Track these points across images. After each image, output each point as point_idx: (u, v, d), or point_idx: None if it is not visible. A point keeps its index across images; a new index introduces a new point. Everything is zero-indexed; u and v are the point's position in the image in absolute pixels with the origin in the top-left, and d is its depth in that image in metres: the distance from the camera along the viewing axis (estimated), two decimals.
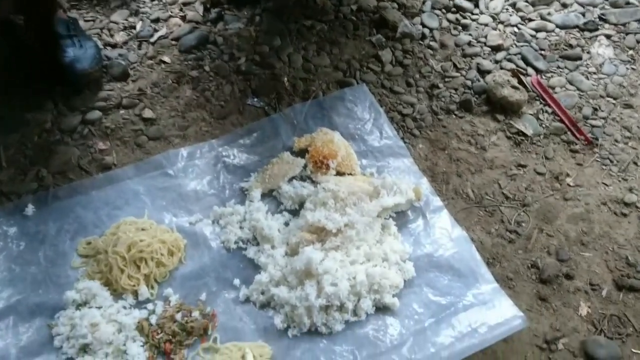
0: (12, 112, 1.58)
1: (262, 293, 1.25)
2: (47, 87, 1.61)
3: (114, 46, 1.76)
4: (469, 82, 1.64)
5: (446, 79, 1.65)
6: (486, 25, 1.79)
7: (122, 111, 1.60)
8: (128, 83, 1.67)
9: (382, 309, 1.22)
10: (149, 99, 1.63)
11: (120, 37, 1.79)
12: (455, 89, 1.63)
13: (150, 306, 1.24)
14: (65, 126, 1.57)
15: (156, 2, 1.91)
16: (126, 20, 1.85)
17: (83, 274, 1.30)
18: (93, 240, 1.35)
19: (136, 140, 1.54)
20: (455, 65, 1.69)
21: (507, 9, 1.84)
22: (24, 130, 1.56)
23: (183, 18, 1.84)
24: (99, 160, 1.50)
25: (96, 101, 1.61)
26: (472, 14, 1.83)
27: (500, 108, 1.57)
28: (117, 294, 1.26)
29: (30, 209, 1.39)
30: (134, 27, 1.82)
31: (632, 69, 1.68)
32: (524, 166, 1.47)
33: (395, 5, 1.83)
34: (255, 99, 1.62)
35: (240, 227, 1.35)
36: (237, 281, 1.28)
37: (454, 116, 1.58)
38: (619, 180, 1.44)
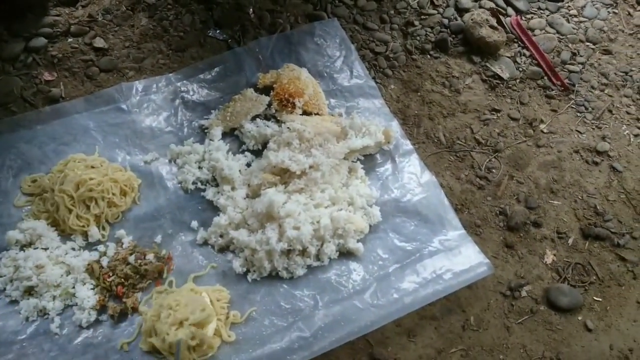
0: None
1: (221, 236, 1.18)
2: None
3: None
4: (445, 21, 1.55)
5: (422, 17, 1.56)
6: None
7: (70, 39, 1.47)
8: (77, 8, 1.53)
9: (345, 254, 1.18)
10: (100, 27, 1.49)
11: None
12: (432, 28, 1.54)
13: (101, 248, 1.17)
14: (6, 54, 1.42)
15: None
16: None
17: (27, 213, 1.21)
18: (39, 177, 1.25)
19: (86, 72, 1.42)
20: (432, 2, 1.59)
21: None
22: None
23: None
24: (45, 92, 1.38)
25: (41, 27, 1.47)
26: None
27: (477, 49, 1.49)
28: (65, 235, 1.19)
29: None
30: None
31: (614, 12, 1.62)
32: (497, 111, 1.42)
33: None
34: (218, 31, 1.50)
35: (199, 167, 1.27)
36: (194, 223, 1.21)
37: (428, 56, 1.49)
38: (593, 128, 1.41)
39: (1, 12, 1.44)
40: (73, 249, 1.17)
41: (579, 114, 1.43)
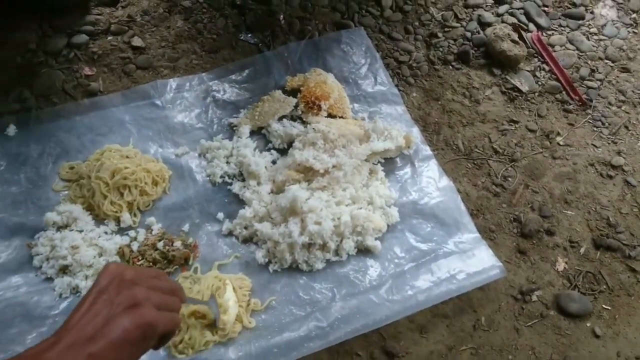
0: None
1: (245, 228, 1.24)
2: (32, 6, 1.54)
3: None
4: (468, 34, 1.60)
5: (446, 29, 1.62)
6: None
7: (110, 37, 1.55)
8: (117, 9, 1.61)
9: (363, 251, 1.23)
10: (138, 27, 1.58)
11: None
12: (454, 40, 1.59)
13: (132, 233, 1.24)
14: (50, 48, 1.51)
15: None
16: None
17: (64, 197, 1.29)
18: (76, 165, 1.32)
19: (124, 68, 1.50)
20: (456, 15, 1.65)
21: None
22: (7, 49, 1.50)
23: None
24: (85, 85, 1.46)
25: (83, 25, 1.55)
26: None
27: (497, 62, 1.54)
28: (99, 219, 1.25)
29: (12, 130, 1.35)
30: None
31: (634, 32, 1.66)
32: (515, 122, 1.46)
33: None
34: (249, 35, 1.57)
35: (227, 162, 1.34)
36: (220, 215, 1.27)
37: (450, 67, 1.55)
38: (609, 143, 1.45)
39: (47, 11, 1.52)
40: (106, 232, 1.24)
41: (595, 129, 1.47)
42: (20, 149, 1.34)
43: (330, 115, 1.39)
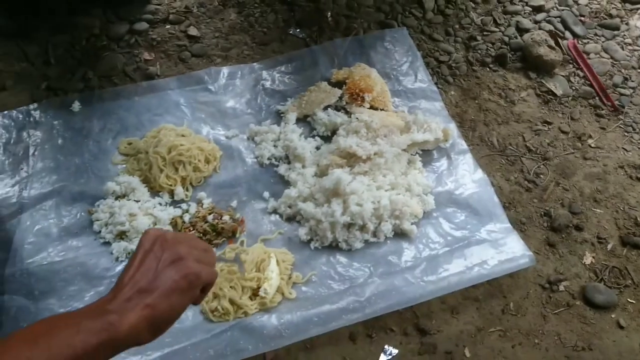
0: (61, 14, 1.63)
1: (290, 207, 1.33)
2: None
3: None
4: (506, 38, 1.67)
5: (484, 33, 1.69)
6: None
7: (168, 26, 1.66)
8: (175, 0, 1.72)
9: (400, 234, 1.30)
10: (194, 18, 1.68)
11: None
12: (493, 43, 1.67)
13: (184, 206, 1.33)
14: (113, 33, 1.62)
15: None
16: None
17: (123, 170, 1.38)
18: (134, 140, 1.42)
19: (180, 55, 1.60)
20: (495, 21, 1.72)
21: None
22: (73, 32, 1.62)
23: None
24: (144, 69, 1.57)
25: (144, 13, 1.66)
26: None
27: (533, 66, 1.61)
28: (154, 192, 1.35)
29: (76, 106, 1.46)
30: None
31: None
32: (549, 123, 1.52)
33: None
34: (298, 30, 1.67)
35: (274, 146, 1.42)
36: (266, 194, 1.36)
37: (487, 69, 1.62)
38: (639, 148, 1.50)
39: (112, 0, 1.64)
40: (160, 204, 1.33)
41: (626, 134, 1.52)
42: (84, 124, 1.45)
43: (372, 107, 1.47)
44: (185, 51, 1.61)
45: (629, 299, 1.26)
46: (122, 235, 1.28)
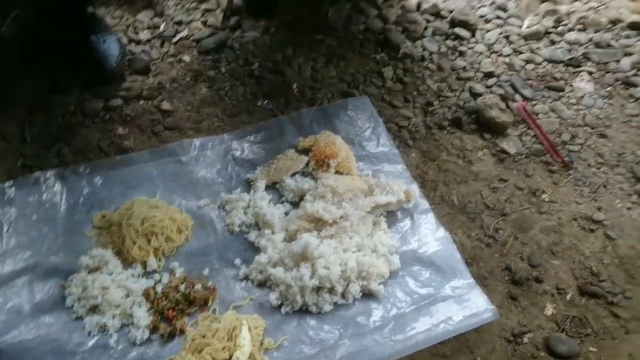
0: (39, 93, 1.70)
1: (260, 272, 1.36)
2: (73, 74, 1.74)
3: (138, 42, 1.91)
4: (461, 102, 1.79)
5: (441, 98, 1.81)
6: (481, 53, 1.96)
7: (142, 102, 1.74)
8: (149, 77, 1.81)
9: (368, 295, 1.34)
10: (167, 93, 1.77)
11: (144, 35, 1.93)
12: (449, 108, 1.78)
13: (157, 276, 1.36)
14: (89, 110, 1.70)
15: (180, 6, 2.06)
16: (151, 20, 2.00)
17: (96, 243, 1.42)
18: (108, 214, 1.46)
19: (153, 129, 1.67)
20: (450, 87, 1.84)
21: (500, 41, 2.01)
22: (49, 111, 1.69)
23: (204, 23, 1.99)
24: (118, 144, 1.63)
25: (119, 90, 1.75)
26: (469, 42, 2.00)
27: (487, 127, 1.72)
28: (127, 263, 1.38)
29: (51, 181, 1.51)
30: (158, 27, 1.97)
31: (609, 103, 1.85)
32: (505, 180, 1.62)
33: (400, 28, 1.99)
34: (266, 101, 1.76)
35: (244, 213, 1.48)
36: (237, 261, 1.40)
37: (445, 131, 1.72)
38: (590, 200, 1.59)
39: (90, 80, 1.73)
40: (133, 275, 1.36)
41: (577, 187, 1.62)
42: (58, 198, 1.49)
43: (338, 172, 1.55)
44: (158, 125, 1.68)
45: (590, 348, 1.31)
46: (94, 309, 1.29)
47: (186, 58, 1.86)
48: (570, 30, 2.07)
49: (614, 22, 2.10)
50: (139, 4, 2.05)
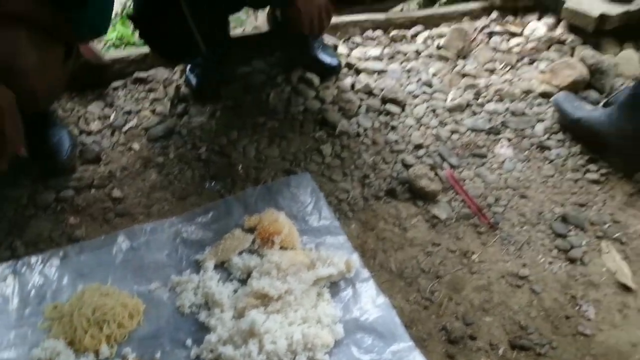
0: None
1: (211, 351, 1.42)
2: (25, 167, 1.81)
3: (89, 133, 2.01)
4: (394, 174, 1.95)
5: (376, 171, 1.96)
6: (411, 127, 2.15)
7: (93, 190, 1.82)
8: (100, 166, 1.90)
9: None
10: (118, 181, 1.86)
11: (95, 125, 2.04)
12: (384, 179, 1.94)
13: None
14: (40, 202, 1.76)
15: (129, 96, 2.19)
16: (102, 110, 2.11)
17: (49, 334, 1.45)
18: (59, 304, 1.50)
19: (104, 217, 1.75)
20: (384, 159, 2.01)
21: (428, 114, 2.21)
22: (1, 205, 1.74)
23: (153, 111, 2.12)
24: (69, 233, 1.69)
25: (70, 181, 1.82)
26: (400, 117, 2.19)
27: (419, 195, 1.87)
28: (80, 353, 1.41)
29: (2, 275, 1.54)
30: (109, 117, 2.08)
31: (528, 166, 2.05)
32: (438, 245, 1.75)
33: (336, 107, 2.17)
34: (213, 183, 1.87)
35: (194, 294, 1.55)
36: (189, 342, 1.45)
37: (381, 202, 1.87)
38: (515, 258, 1.74)
39: (42, 173, 1.80)
40: None
41: (503, 246, 1.77)
42: (10, 291, 1.52)
43: (282, 248, 1.65)
44: (109, 212, 1.76)
45: None
46: None
47: (136, 146, 1.97)
48: (489, 101, 2.31)
49: (527, 92, 2.35)
50: (89, 96, 2.17)
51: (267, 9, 2.42)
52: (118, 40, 2.62)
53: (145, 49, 2.26)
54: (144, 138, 2.01)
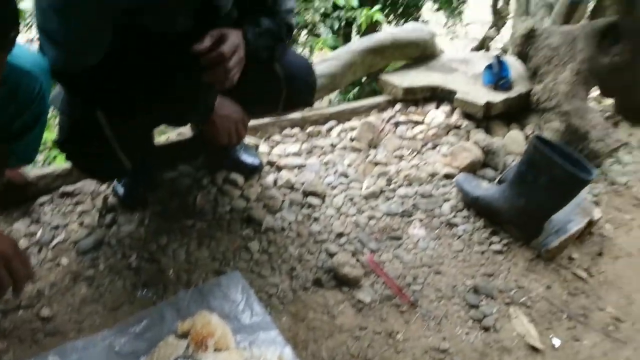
0: None
1: None
2: None
3: None
4: (320, 263, 2.09)
5: (302, 262, 2.09)
6: (332, 216, 2.32)
7: (20, 312, 1.81)
8: (27, 285, 1.90)
9: None
10: (46, 298, 1.86)
11: (21, 244, 2.04)
12: (310, 269, 2.06)
13: None
14: None
15: (56, 210, 2.23)
16: (28, 228, 2.13)
17: None
18: None
19: (33, 338, 1.73)
20: (309, 251, 2.14)
21: (346, 203, 2.40)
22: None
23: (81, 224, 2.16)
24: None
25: None
26: (321, 208, 2.36)
27: (344, 282, 2.01)
28: None
29: None
30: (35, 234, 2.10)
31: (439, 244, 2.26)
32: (365, 328, 1.87)
33: (261, 205, 2.32)
34: (145, 291, 1.92)
35: None
36: None
37: (309, 292, 1.98)
38: (436, 332, 1.88)
39: None
40: None
41: (424, 322, 1.92)
42: None
43: (217, 349, 1.70)
44: (38, 333, 1.75)
45: None
46: None
47: (64, 261, 1.99)
48: (400, 186, 2.55)
49: (432, 175, 2.62)
50: (15, 214, 2.18)
51: None
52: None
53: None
54: (72, 252, 2.04)
